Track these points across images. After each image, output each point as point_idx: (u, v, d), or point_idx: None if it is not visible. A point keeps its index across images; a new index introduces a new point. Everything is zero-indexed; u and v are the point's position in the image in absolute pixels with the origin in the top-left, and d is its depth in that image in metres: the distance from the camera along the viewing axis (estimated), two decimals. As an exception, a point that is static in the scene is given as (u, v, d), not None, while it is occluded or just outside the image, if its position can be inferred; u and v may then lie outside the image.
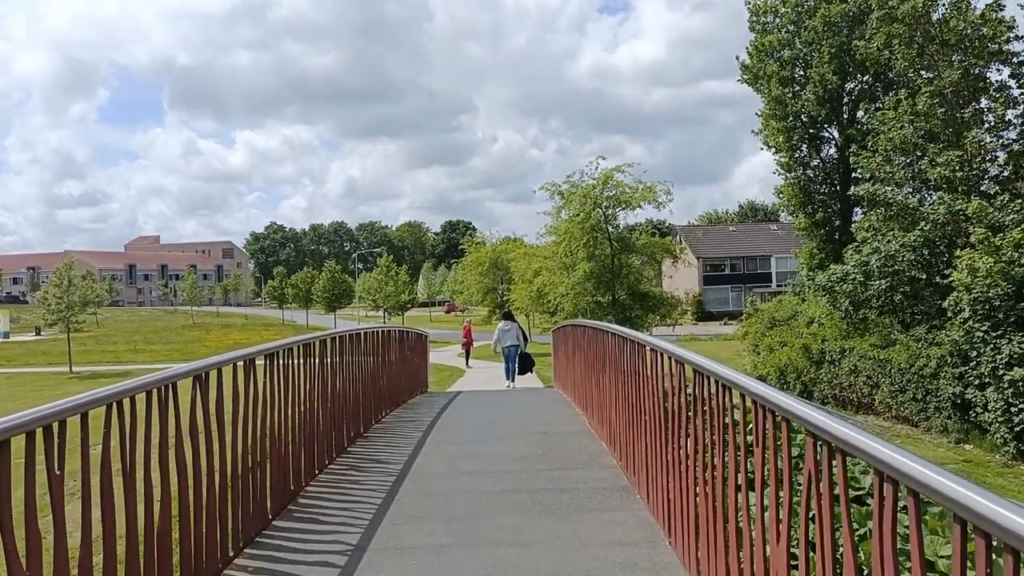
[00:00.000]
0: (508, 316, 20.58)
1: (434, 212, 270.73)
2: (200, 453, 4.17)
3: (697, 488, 3.82)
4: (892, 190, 22.35)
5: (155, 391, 3.72)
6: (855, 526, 2.52)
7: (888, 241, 21.84)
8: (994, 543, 1.64)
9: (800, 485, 2.73)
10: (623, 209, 27.85)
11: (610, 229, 27.75)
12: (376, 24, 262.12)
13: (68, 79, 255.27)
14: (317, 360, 6.53)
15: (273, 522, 5.06)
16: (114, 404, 3.33)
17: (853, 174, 31.50)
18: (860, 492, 4.34)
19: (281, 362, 5.57)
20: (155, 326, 74.55)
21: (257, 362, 5.22)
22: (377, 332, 9.91)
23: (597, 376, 7.71)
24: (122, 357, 48.59)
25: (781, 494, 2.87)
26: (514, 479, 6.02)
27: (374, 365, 9.39)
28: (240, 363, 4.95)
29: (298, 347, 6.05)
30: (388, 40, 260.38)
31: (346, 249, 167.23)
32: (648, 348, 4.97)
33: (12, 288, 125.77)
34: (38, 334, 63.41)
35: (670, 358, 4.43)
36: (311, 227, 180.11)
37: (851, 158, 30.64)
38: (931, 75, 22.95)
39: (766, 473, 3.00)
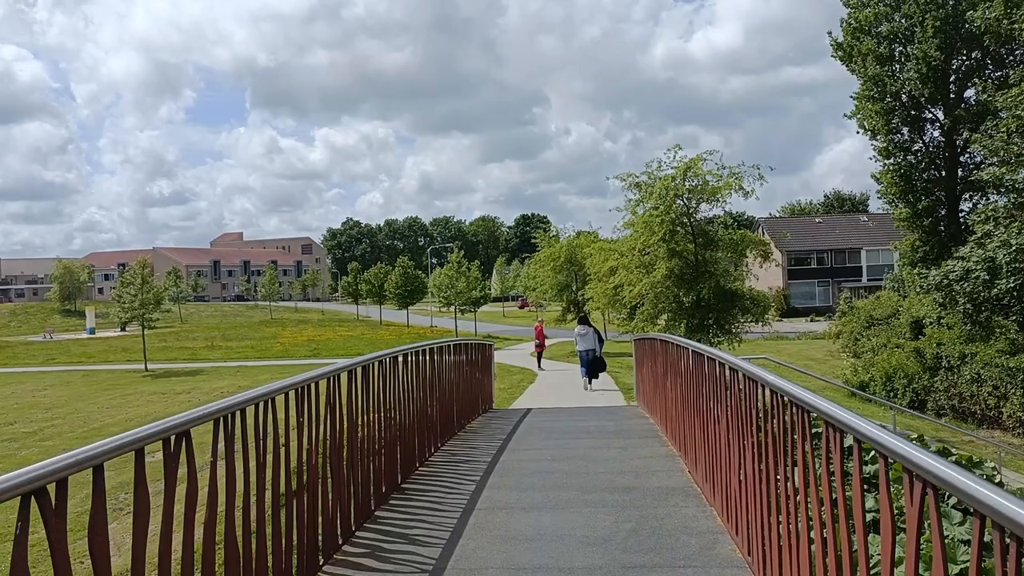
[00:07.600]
0: (584, 320, 20.28)
1: (508, 206, 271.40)
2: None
3: None
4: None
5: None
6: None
7: (1018, 233, 19.13)
8: None
9: None
10: (707, 202, 25.52)
11: (692, 222, 25.49)
12: (448, 19, 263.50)
13: (155, 81, 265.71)
14: (325, 401, 4.90)
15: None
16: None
17: (961, 158, 28.64)
18: None
19: (268, 416, 3.97)
20: (235, 322, 75.51)
21: (242, 409, 3.63)
22: (428, 350, 8.24)
23: (704, 418, 5.84)
24: (198, 354, 48.87)
25: None
26: (593, 585, 4.23)
27: (422, 394, 7.73)
28: (222, 417, 3.40)
29: (300, 389, 4.45)
30: (460, 34, 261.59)
31: (420, 244, 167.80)
32: (807, 410, 3.11)
33: (103, 284, 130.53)
34: (123, 330, 64.74)
35: (860, 442, 2.56)
36: (386, 222, 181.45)
37: (958, 141, 27.74)
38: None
39: None
